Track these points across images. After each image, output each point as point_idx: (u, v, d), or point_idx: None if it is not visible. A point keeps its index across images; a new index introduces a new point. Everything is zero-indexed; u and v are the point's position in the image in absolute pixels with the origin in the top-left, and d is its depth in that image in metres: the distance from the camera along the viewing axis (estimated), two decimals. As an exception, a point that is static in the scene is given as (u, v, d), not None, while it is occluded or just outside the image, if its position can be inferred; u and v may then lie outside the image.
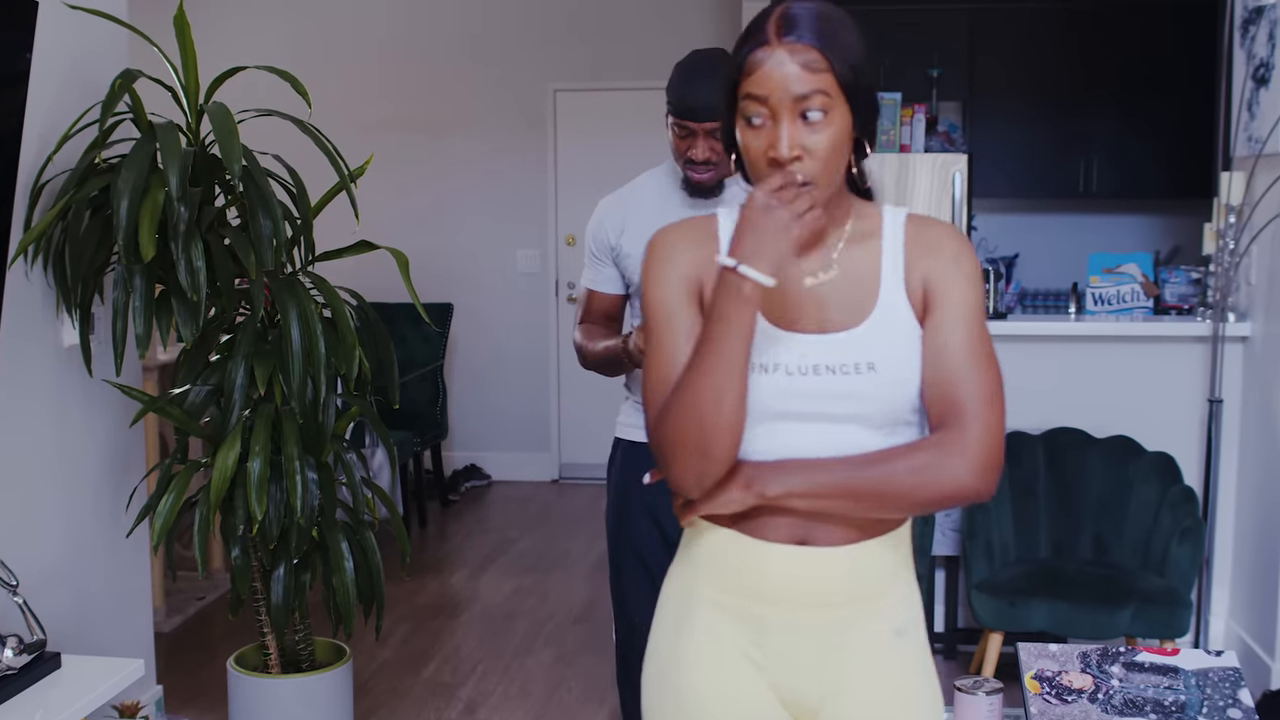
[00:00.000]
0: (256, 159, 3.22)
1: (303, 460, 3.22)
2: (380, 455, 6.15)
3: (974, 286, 1.80)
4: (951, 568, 4.64)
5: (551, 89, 7.43)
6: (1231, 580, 4.57)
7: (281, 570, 3.37)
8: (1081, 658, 2.28)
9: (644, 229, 2.81)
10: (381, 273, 4.49)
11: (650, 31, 7.14)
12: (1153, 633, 3.91)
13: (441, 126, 7.49)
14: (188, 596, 5.24)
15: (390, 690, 4.41)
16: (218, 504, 3.19)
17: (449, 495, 7.18)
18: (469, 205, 7.53)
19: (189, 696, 4.27)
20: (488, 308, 7.50)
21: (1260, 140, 4.28)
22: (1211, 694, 2.20)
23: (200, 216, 3.10)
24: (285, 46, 7.28)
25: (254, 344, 3.23)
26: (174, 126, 3.13)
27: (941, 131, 7.10)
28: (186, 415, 3.27)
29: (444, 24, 7.45)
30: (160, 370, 5.03)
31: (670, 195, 2.89)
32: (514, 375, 7.44)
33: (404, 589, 5.49)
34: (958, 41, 6.94)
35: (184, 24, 3.23)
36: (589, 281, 3.04)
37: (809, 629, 1.82)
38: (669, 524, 2.91)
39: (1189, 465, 4.47)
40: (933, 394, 1.77)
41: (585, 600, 5.35)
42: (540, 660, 4.71)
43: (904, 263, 1.82)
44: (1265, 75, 4.28)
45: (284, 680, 3.44)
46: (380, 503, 3.56)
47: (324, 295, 3.28)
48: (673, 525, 2.84)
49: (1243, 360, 4.49)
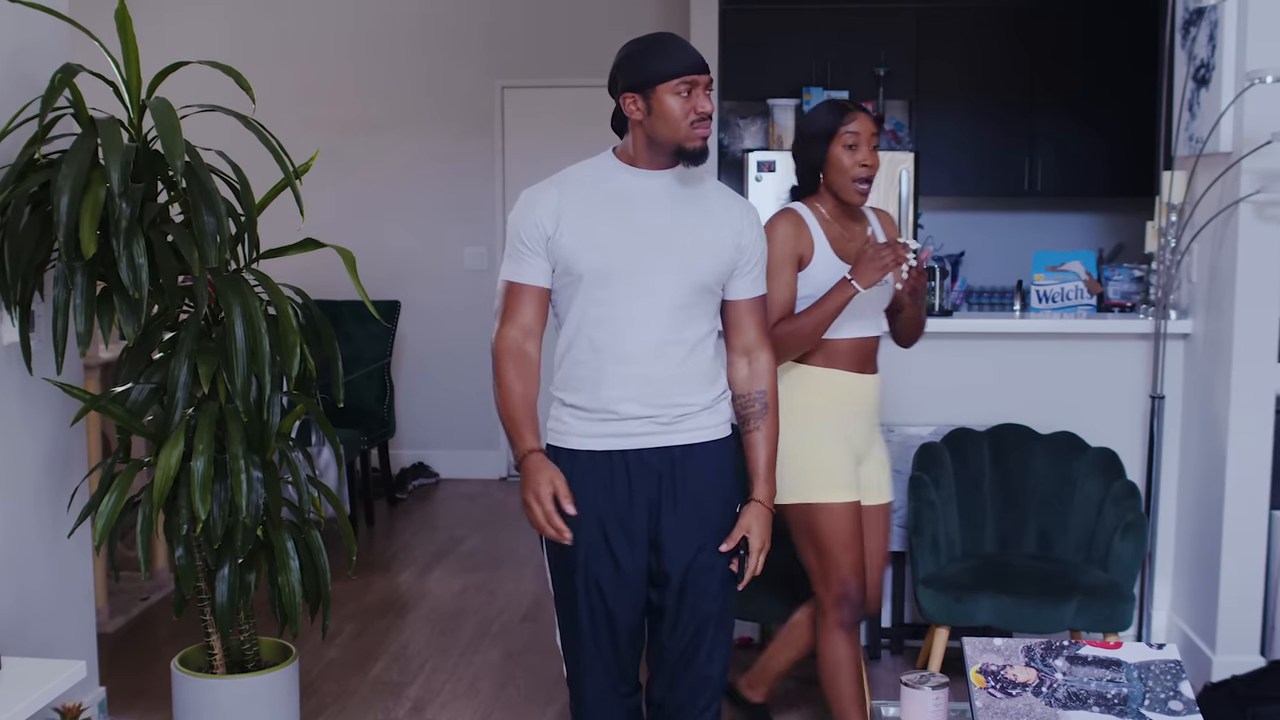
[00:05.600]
0: (200, 155, 3.19)
1: (247, 459, 3.19)
2: (327, 454, 6.11)
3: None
4: (898, 563, 4.67)
5: (499, 85, 7.41)
6: (1173, 574, 4.62)
7: (226, 570, 3.34)
8: (1026, 652, 2.30)
9: (583, 216, 2.80)
10: (327, 270, 4.45)
11: (598, 29, 7.14)
12: (1096, 626, 3.95)
13: (388, 123, 7.45)
14: (131, 597, 5.18)
15: (337, 690, 4.39)
16: (161, 503, 3.16)
17: (396, 493, 7.14)
18: (416, 202, 7.49)
19: (132, 698, 4.22)
20: (435, 305, 7.47)
21: (1201, 140, 4.33)
22: (1153, 686, 2.23)
23: (142, 213, 3.07)
24: (229, 42, 7.21)
25: (197, 342, 3.20)
26: (115, 122, 3.10)
27: (888, 130, 7.15)
28: (129, 414, 3.23)
29: (391, 19, 7.41)
30: (102, 368, 4.96)
31: (610, 180, 2.84)
32: (462, 373, 7.40)
33: (351, 588, 5.46)
34: (904, 41, 6.98)
35: (125, 18, 3.19)
36: (513, 275, 2.86)
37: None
38: (620, 549, 2.87)
39: (1131, 461, 4.53)
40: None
41: (533, 598, 5.34)
42: (488, 658, 4.70)
43: (884, 234, 3.52)
44: (1205, 76, 4.34)
45: (229, 681, 3.41)
46: (326, 501, 3.53)
47: (268, 293, 3.25)
48: (625, 552, 2.84)
49: (1184, 357, 4.55)
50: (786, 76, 6.94)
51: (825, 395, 3.48)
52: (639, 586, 2.89)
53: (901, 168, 6.60)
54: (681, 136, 2.76)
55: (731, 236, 2.87)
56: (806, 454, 3.44)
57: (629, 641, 2.92)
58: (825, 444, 3.47)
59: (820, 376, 3.47)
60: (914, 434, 4.56)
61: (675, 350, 2.83)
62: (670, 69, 2.73)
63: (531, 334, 2.87)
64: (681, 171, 2.86)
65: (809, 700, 4.27)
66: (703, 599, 2.89)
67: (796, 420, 3.37)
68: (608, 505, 2.85)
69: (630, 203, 2.82)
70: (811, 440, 3.46)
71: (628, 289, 2.79)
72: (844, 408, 3.49)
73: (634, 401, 2.81)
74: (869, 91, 6.96)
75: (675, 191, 2.85)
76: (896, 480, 4.52)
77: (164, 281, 3.08)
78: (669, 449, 2.85)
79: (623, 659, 2.93)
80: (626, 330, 2.80)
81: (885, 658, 4.67)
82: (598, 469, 2.85)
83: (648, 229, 2.80)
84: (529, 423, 2.84)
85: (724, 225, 2.87)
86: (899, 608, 4.69)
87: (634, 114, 2.79)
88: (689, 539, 2.87)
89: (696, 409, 2.87)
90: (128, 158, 2.97)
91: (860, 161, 3.40)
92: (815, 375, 3.48)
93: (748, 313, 2.95)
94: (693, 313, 2.84)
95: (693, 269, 2.82)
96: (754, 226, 2.93)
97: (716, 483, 2.91)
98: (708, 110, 2.76)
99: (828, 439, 3.47)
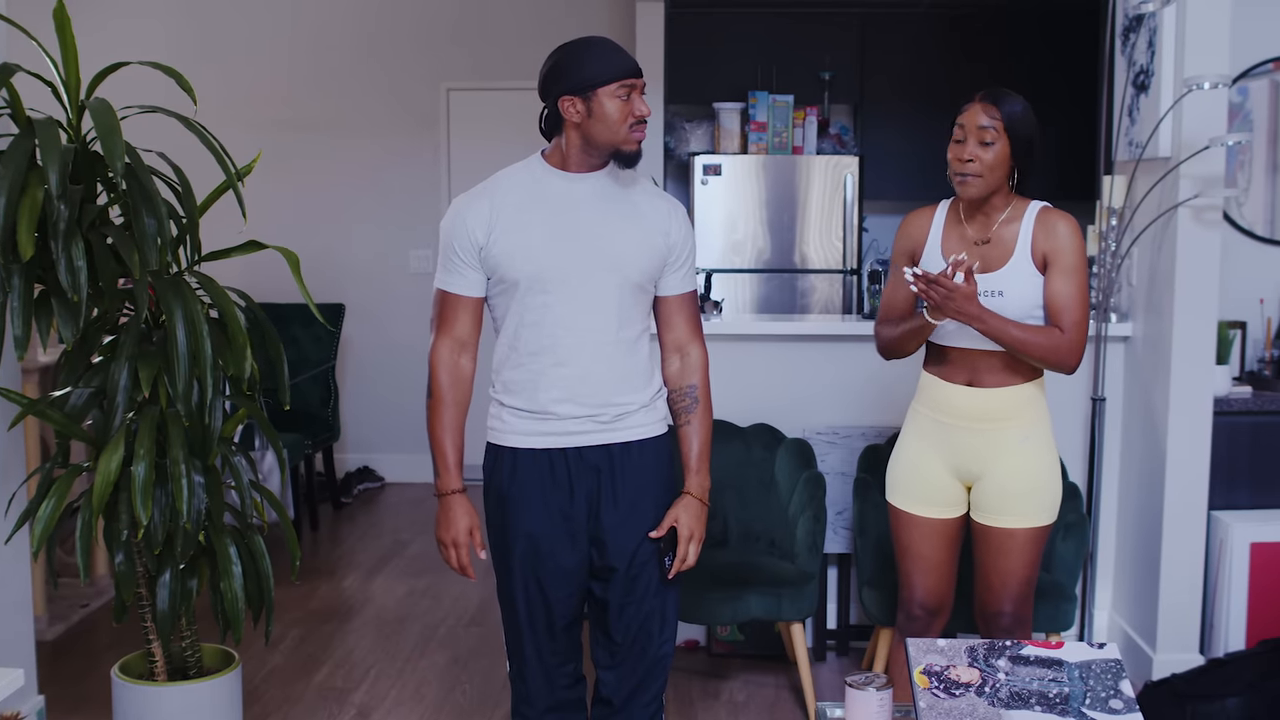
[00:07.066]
0: (140, 156, 3.16)
1: (189, 464, 3.16)
2: (270, 458, 6.06)
3: (1077, 253, 3.19)
4: (844, 565, 4.69)
5: (444, 88, 7.38)
6: (1114, 574, 4.67)
7: (167, 576, 3.30)
8: (969, 652, 2.32)
9: (515, 223, 2.82)
10: (271, 273, 4.43)
11: (545, 31, 7.11)
12: (1039, 626, 3.99)
13: (333, 124, 7.40)
14: (71, 604, 5.11)
15: (281, 696, 4.35)
16: (101, 509, 3.13)
17: (341, 498, 7.09)
18: (361, 204, 7.45)
19: (72, 706, 4.17)
20: (380, 308, 7.43)
21: (1140, 145, 4.38)
22: (1094, 685, 2.25)
23: (81, 215, 3.03)
24: (170, 43, 7.13)
25: (138, 345, 3.17)
26: (54, 123, 3.06)
27: (833, 134, 7.18)
28: (67, 418, 3.19)
29: (336, 21, 7.36)
30: (41, 372, 4.90)
31: (541, 185, 2.86)
32: (407, 376, 7.35)
33: (296, 593, 5.42)
34: (849, 45, 7.02)
35: (64, 17, 3.15)
36: (447, 284, 2.89)
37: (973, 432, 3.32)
38: (561, 544, 2.90)
39: (1073, 462, 4.57)
40: (1049, 312, 3.20)
41: (479, 602, 5.32)
42: (434, 663, 4.67)
43: (1031, 237, 3.21)
44: (1145, 82, 4.39)
45: (170, 688, 3.38)
46: (269, 506, 3.50)
47: (211, 295, 3.22)
48: (565, 547, 2.86)
49: (1124, 359, 4.60)
50: (732, 79, 6.96)
51: (925, 403, 3.39)
52: (578, 581, 2.95)
53: (846, 171, 6.64)
54: (620, 139, 2.80)
55: (661, 235, 2.91)
56: (895, 455, 3.45)
57: (566, 630, 2.98)
58: (911, 450, 3.40)
59: (926, 383, 3.40)
60: (860, 436, 4.59)
61: (611, 350, 2.87)
62: (610, 73, 2.77)
63: (467, 346, 2.93)
64: (612, 172, 2.90)
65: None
66: (649, 587, 2.95)
67: (906, 421, 3.45)
68: (548, 502, 2.89)
69: (562, 207, 2.85)
70: (902, 444, 3.44)
71: (563, 293, 2.83)
72: (945, 419, 3.33)
73: (572, 402, 2.86)
74: (814, 96, 6.99)
75: (606, 193, 2.88)
76: (840, 482, 4.55)
77: (103, 284, 3.04)
78: (608, 446, 2.90)
79: (561, 650, 2.99)
80: (562, 333, 2.84)
81: (831, 659, 4.69)
82: (538, 466, 2.89)
83: (580, 233, 2.84)
84: (455, 455, 2.93)
85: (653, 224, 2.91)
86: (844, 609, 4.71)
87: (572, 116, 2.81)
88: (631, 533, 2.91)
89: (634, 407, 2.91)
90: (66, 159, 2.94)
91: (957, 155, 3.21)
92: (922, 381, 3.42)
93: (678, 309, 3.00)
94: (628, 313, 2.89)
95: (626, 269, 2.86)
96: (682, 224, 2.97)
97: (656, 479, 2.96)
98: (646, 113, 2.81)
99: (915, 446, 3.39)
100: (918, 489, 3.38)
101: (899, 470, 3.43)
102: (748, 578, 4.08)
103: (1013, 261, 3.22)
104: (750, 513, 4.44)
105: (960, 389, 3.30)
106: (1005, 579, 3.34)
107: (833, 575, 4.72)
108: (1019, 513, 3.30)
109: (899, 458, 3.44)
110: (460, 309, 2.90)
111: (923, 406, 3.39)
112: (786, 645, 4.42)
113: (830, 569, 4.70)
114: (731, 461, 4.43)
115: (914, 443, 3.40)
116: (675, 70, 6.84)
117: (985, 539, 3.35)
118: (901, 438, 3.46)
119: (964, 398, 3.30)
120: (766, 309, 6.69)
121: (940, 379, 3.34)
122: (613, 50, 2.80)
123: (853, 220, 6.63)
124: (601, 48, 2.80)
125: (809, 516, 4.12)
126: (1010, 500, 3.29)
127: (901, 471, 3.42)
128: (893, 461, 3.46)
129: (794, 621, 4.11)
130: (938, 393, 3.34)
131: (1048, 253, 3.20)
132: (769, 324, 4.80)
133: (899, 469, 3.43)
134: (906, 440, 3.43)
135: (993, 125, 3.15)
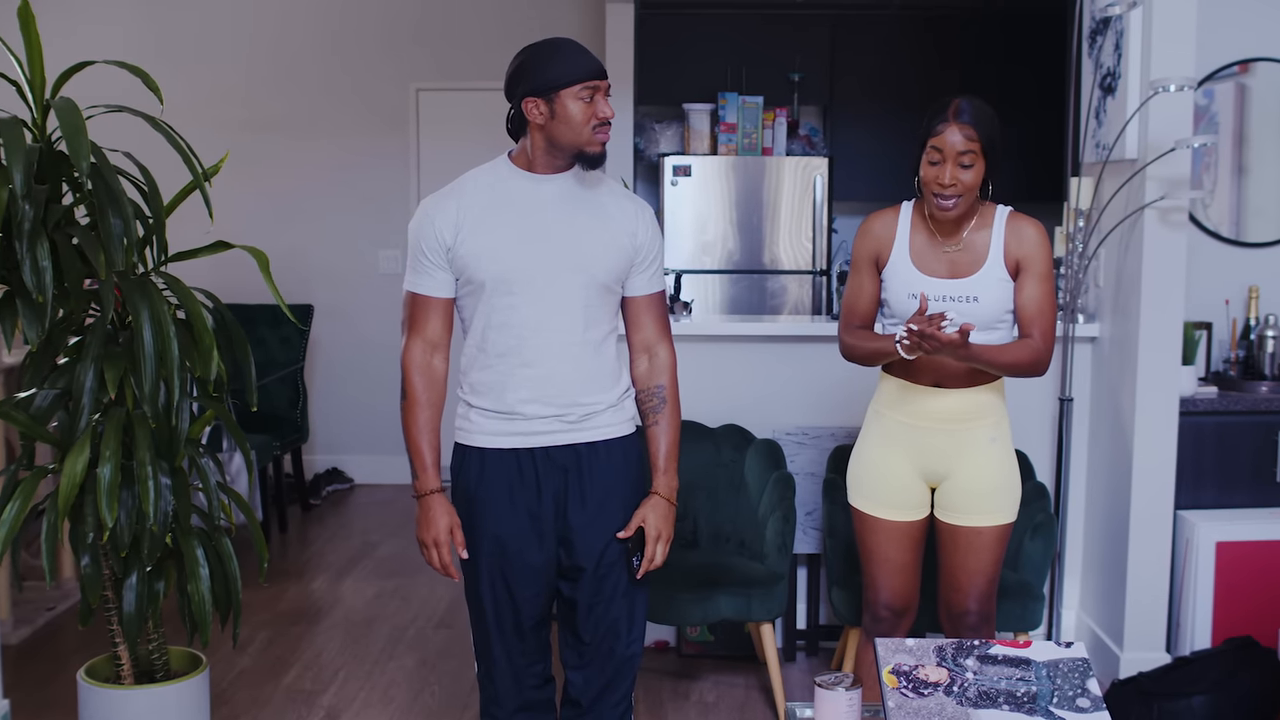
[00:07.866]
0: (106, 156, 3.14)
1: (155, 465, 3.14)
2: (238, 459, 6.02)
3: (1046, 259, 3.22)
4: (813, 565, 4.70)
5: (414, 88, 7.35)
6: (1082, 573, 4.70)
7: (134, 578, 3.28)
8: (937, 652, 2.33)
9: (482, 225, 2.83)
10: (239, 274, 4.40)
11: (514, 31, 7.07)
12: (1007, 626, 4.01)
13: (302, 125, 7.37)
14: (36, 607, 5.07)
15: (249, 699, 4.32)
16: (66, 511, 3.10)
17: (310, 499, 7.06)
18: (330, 205, 7.41)
19: (38, 710, 4.13)
20: (349, 309, 7.40)
21: (1107, 147, 4.41)
22: (1061, 684, 2.26)
23: (46, 215, 3.01)
24: (137, 42, 7.08)
25: (104, 346, 3.15)
26: (18, 122, 3.03)
27: (803, 135, 7.20)
28: (32, 420, 3.16)
29: (305, 20, 7.32)
30: (5, 374, 4.86)
31: (507, 186, 2.87)
32: (376, 377, 7.33)
33: (264, 595, 5.39)
34: (819, 47, 7.04)
35: (29, 15, 3.12)
36: (416, 286, 2.90)
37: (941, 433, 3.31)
38: (528, 544, 2.91)
39: (1041, 462, 4.60)
40: (1020, 319, 3.23)
41: (448, 604, 5.31)
42: (403, 665, 4.66)
43: (1003, 243, 3.23)
44: (1112, 84, 4.42)
45: (137, 691, 3.35)
46: (237, 508, 3.49)
47: (178, 296, 3.20)
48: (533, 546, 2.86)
49: (1091, 360, 4.63)
50: (702, 80, 6.97)
51: (890, 405, 3.36)
52: (546, 580, 2.95)
53: (816, 173, 6.66)
54: (583, 141, 2.81)
55: (628, 236, 2.92)
56: (856, 458, 3.44)
57: (534, 630, 2.98)
58: (874, 453, 3.38)
59: (890, 386, 3.37)
60: (829, 436, 4.60)
61: (579, 351, 2.88)
62: (574, 74, 2.77)
63: (438, 347, 2.93)
64: (578, 174, 2.90)
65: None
66: (618, 588, 2.96)
67: (866, 424, 3.43)
68: (515, 501, 2.90)
69: (528, 208, 2.85)
70: (863, 447, 3.42)
71: (530, 294, 2.83)
72: (913, 421, 3.31)
73: (539, 403, 2.87)
74: (784, 97, 7.00)
75: (572, 194, 2.89)
76: (810, 482, 4.56)
77: (69, 285, 3.02)
78: (575, 446, 2.90)
79: (529, 650, 2.99)
80: (530, 335, 2.85)
81: (800, 659, 4.70)
82: (505, 466, 2.90)
83: (547, 234, 2.84)
84: (432, 455, 2.92)
85: (620, 225, 2.92)
86: (814, 609, 4.72)
87: (535, 118, 2.81)
88: (599, 533, 2.92)
89: (602, 407, 2.92)
90: (31, 158, 2.91)
91: (936, 178, 3.16)
92: (885, 384, 3.39)
93: (646, 309, 3.00)
94: (594, 313, 2.89)
95: (593, 270, 2.86)
96: (649, 224, 2.97)
97: (624, 479, 2.96)
98: (609, 115, 2.82)
99: (878, 449, 3.37)
100: (882, 492, 3.37)
101: (862, 473, 3.41)
102: (717, 578, 4.08)
103: (986, 268, 3.23)
104: (720, 513, 4.45)
105: (929, 391, 3.29)
106: (973, 577, 3.35)
107: (802, 575, 4.73)
108: (987, 511, 3.32)
109: (861, 460, 3.42)
110: (430, 310, 2.90)
111: (887, 409, 3.37)
112: (756, 646, 4.43)
113: (800, 569, 4.71)
114: (701, 462, 4.43)
115: (877, 445, 3.38)
116: (645, 71, 6.85)
117: (953, 538, 3.36)
118: (861, 440, 3.44)
119: (934, 400, 3.29)
120: (736, 310, 6.69)
121: (906, 381, 3.32)
122: (577, 52, 2.80)
123: (822, 221, 6.65)
124: (566, 49, 2.80)
125: (778, 517, 4.13)
126: (977, 499, 3.31)
127: (865, 475, 3.40)
128: (854, 464, 3.45)
129: (764, 622, 4.11)
130: (904, 395, 3.33)
131: (1020, 259, 3.22)
132: (739, 325, 4.80)
133: (862, 471, 3.41)
134: (868, 443, 3.41)
135: (971, 149, 3.11)
